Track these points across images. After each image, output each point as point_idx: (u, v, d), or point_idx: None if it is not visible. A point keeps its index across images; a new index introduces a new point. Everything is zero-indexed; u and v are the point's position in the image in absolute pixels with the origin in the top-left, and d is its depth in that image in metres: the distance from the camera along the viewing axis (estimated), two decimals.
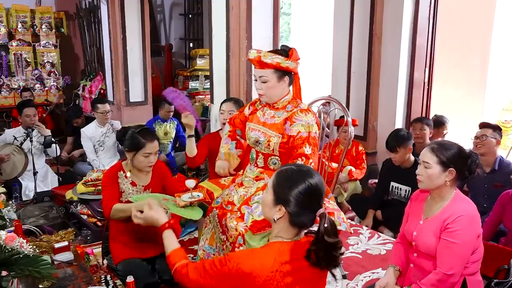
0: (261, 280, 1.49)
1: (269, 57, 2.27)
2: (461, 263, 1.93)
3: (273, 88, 2.34)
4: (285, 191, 1.55)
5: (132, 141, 2.59)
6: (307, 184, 1.54)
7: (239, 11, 4.54)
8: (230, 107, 3.29)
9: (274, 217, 1.57)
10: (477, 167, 1.99)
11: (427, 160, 2.02)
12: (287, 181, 1.56)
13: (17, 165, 4.38)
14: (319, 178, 1.59)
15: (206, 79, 6.72)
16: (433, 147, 2.03)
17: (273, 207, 1.57)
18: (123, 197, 2.59)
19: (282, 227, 1.58)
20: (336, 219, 2.54)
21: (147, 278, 2.53)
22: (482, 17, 5.41)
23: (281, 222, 1.57)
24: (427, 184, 2.04)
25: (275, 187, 1.58)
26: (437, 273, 1.95)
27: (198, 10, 7.94)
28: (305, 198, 1.53)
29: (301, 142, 2.28)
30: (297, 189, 1.53)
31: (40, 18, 7.27)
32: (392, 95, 4.27)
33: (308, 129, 2.30)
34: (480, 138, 3.30)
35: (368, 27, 4.29)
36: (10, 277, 1.85)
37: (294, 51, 2.32)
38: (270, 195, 1.59)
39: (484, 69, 5.52)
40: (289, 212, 1.54)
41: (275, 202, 1.57)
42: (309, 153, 2.28)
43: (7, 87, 7.04)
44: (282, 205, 1.55)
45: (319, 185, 1.57)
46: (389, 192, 3.74)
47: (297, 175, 1.57)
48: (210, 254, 2.41)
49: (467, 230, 1.92)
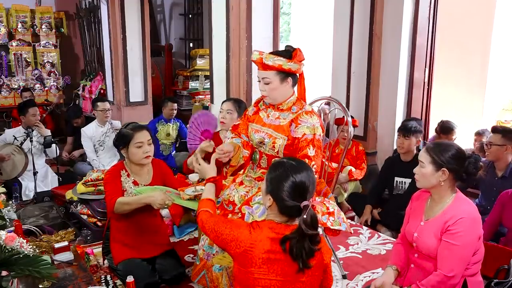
0: (244, 246, 1.72)
1: (270, 59, 2.25)
2: (462, 265, 1.93)
3: (276, 90, 2.32)
4: (273, 183, 1.74)
5: (121, 137, 2.62)
6: (292, 179, 1.71)
7: (239, 11, 4.54)
8: (229, 106, 3.29)
9: (266, 204, 1.80)
10: (476, 169, 1.98)
11: (422, 159, 2.04)
12: (275, 176, 1.75)
13: (17, 165, 4.38)
14: (307, 174, 1.75)
15: (206, 79, 6.72)
16: (429, 147, 2.04)
17: (265, 196, 1.79)
18: (125, 195, 2.59)
19: (273, 213, 1.78)
20: (336, 219, 2.54)
21: (147, 278, 2.53)
22: (482, 17, 5.41)
23: (272, 209, 1.77)
24: (422, 183, 2.07)
25: (267, 177, 1.78)
26: (437, 275, 1.94)
27: (198, 10, 7.94)
28: (290, 191, 1.70)
29: (305, 144, 2.28)
30: (283, 182, 1.71)
31: (40, 18, 7.27)
32: (392, 95, 4.27)
33: (314, 131, 2.30)
34: (488, 145, 3.24)
35: (368, 27, 4.29)
36: (10, 277, 1.85)
37: (298, 52, 2.30)
38: (264, 184, 1.80)
39: (484, 68, 5.51)
40: (276, 202, 1.73)
41: (266, 191, 1.78)
42: (312, 155, 2.27)
43: (7, 87, 7.04)
44: (271, 195, 1.74)
45: (304, 181, 1.72)
46: (394, 187, 3.78)
47: (286, 170, 1.73)
48: (210, 254, 2.41)
49: (468, 232, 1.92)
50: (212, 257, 2.41)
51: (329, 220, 2.51)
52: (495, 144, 3.18)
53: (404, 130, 3.66)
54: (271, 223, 1.76)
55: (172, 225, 3.52)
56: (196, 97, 6.82)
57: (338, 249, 3.28)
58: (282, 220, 1.76)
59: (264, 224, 1.77)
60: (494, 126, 3.43)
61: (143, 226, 2.68)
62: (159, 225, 2.83)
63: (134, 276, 2.18)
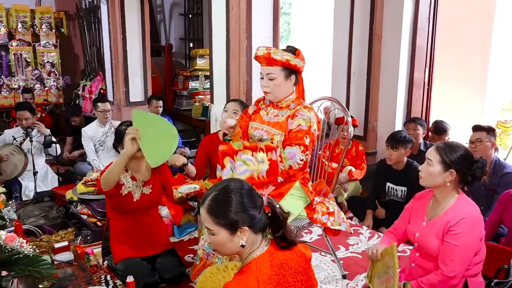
0: None
1: (279, 54, 2.30)
2: (463, 266, 1.93)
3: (280, 86, 2.36)
4: (230, 216, 1.50)
5: (117, 135, 2.70)
6: (236, 194, 1.52)
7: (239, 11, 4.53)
8: (235, 106, 3.29)
9: (241, 243, 1.52)
10: (483, 174, 1.98)
11: (430, 157, 2.03)
12: (222, 208, 1.52)
13: (17, 165, 4.38)
14: (234, 181, 1.59)
15: (206, 79, 6.72)
16: (439, 146, 2.03)
17: (234, 237, 1.52)
18: (123, 189, 2.59)
19: (250, 243, 1.54)
20: (336, 219, 2.54)
21: (147, 277, 2.54)
22: (482, 17, 5.41)
23: (249, 240, 1.53)
24: (427, 181, 2.05)
25: (220, 223, 1.51)
26: (438, 274, 1.95)
27: (198, 10, 7.94)
28: (247, 204, 1.51)
29: (302, 135, 2.30)
30: (234, 204, 1.50)
31: (40, 18, 7.26)
32: (392, 95, 4.27)
33: (309, 124, 2.33)
34: (475, 142, 3.24)
35: (368, 27, 4.29)
36: (10, 277, 1.85)
37: (299, 52, 2.36)
38: (222, 231, 1.52)
39: (484, 69, 5.52)
40: (249, 226, 1.51)
41: (232, 232, 1.51)
42: (307, 144, 2.31)
43: (7, 87, 7.04)
44: (240, 227, 1.50)
45: (243, 184, 1.56)
46: (386, 193, 3.74)
47: (222, 194, 1.53)
48: (210, 254, 2.42)
49: (469, 233, 1.92)
50: (212, 256, 2.41)
51: (329, 220, 2.52)
52: (485, 141, 3.20)
53: (392, 141, 3.50)
54: (260, 258, 1.54)
55: (172, 225, 3.52)
56: (196, 97, 6.81)
57: (338, 249, 3.28)
58: (259, 243, 1.56)
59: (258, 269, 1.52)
60: (477, 125, 3.38)
61: (142, 225, 2.69)
62: (159, 225, 2.84)
63: (133, 275, 2.18)
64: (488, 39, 5.44)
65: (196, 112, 6.53)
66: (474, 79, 5.54)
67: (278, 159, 2.28)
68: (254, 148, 2.25)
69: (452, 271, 1.91)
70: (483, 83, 5.57)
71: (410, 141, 3.57)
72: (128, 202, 2.60)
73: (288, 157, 2.31)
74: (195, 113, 6.55)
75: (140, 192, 2.64)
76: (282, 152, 2.31)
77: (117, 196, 2.58)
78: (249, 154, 2.24)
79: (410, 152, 3.59)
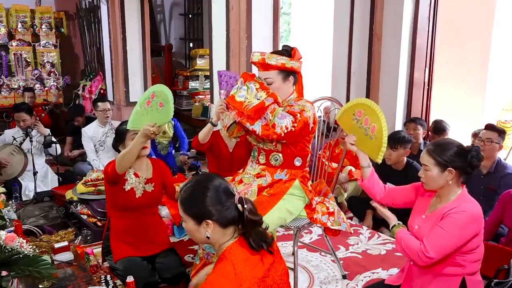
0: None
1: (273, 59, 2.29)
2: (440, 252, 1.90)
3: (279, 89, 2.36)
4: (196, 208, 1.59)
5: (117, 135, 2.69)
6: (211, 187, 1.59)
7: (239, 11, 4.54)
8: None
9: (206, 235, 1.59)
10: (479, 160, 1.97)
11: (425, 162, 2.01)
12: (191, 200, 1.61)
13: (17, 165, 4.38)
14: (212, 176, 1.65)
15: (206, 79, 6.73)
16: (430, 149, 2.02)
17: (200, 228, 1.60)
18: (126, 185, 2.59)
19: (218, 236, 1.61)
20: (336, 219, 2.54)
21: (147, 277, 2.53)
22: (482, 17, 5.41)
23: (215, 233, 1.60)
24: (430, 185, 2.04)
25: (187, 213, 1.62)
26: (419, 244, 1.93)
27: (198, 10, 7.94)
28: (215, 200, 1.58)
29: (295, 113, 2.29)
30: (206, 197, 1.58)
31: (40, 18, 7.27)
32: (392, 95, 4.27)
33: (302, 108, 2.32)
34: (485, 141, 3.24)
35: (368, 27, 4.29)
36: (10, 277, 1.85)
37: (296, 51, 2.34)
38: (190, 221, 1.62)
39: (484, 68, 5.51)
40: (215, 219, 1.58)
41: (198, 223, 1.60)
42: (299, 119, 2.28)
43: (7, 87, 7.04)
44: (205, 219, 1.58)
45: (219, 178, 1.63)
46: None
47: (196, 188, 1.62)
48: (209, 254, 2.41)
49: (463, 226, 1.90)
50: (212, 256, 2.41)
51: (329, 220, 2.52)
52: (495, 142, 3.20)
53: (391, 141, 3.48)
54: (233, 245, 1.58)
55: (172, 225, 3.52)
56: (196, 97, 6.82)
57: (338, 249, 3.28)
58: (230, 235, 1.61)
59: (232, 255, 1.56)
60: (491, 124, 3.39)
61: (143, 224, 2.69)
62: (159, 224, 2.84)
63: (134, 275, 2.18)
64: (488, 39, 5.44)
65: (196, 112, 6.53)
66: (474, 79, 5.54)
67: (269, 115, 2.26)
68: (263, 86, 2.30)
69: (427, 251, 1.89)
70: (483, 82, 5.56)
71: (409, 141, 3.58)
72: (130, 198, 2.60)
73: (278, 116, 2.26)
74: (195, 113, 6.55)
75: (143, 189, 2.64)
76: (276, 113, 2.28)
77: (120, 191, 2.58)
78: (256, 86, 2.30)
79: (409, 152, 3.59)
